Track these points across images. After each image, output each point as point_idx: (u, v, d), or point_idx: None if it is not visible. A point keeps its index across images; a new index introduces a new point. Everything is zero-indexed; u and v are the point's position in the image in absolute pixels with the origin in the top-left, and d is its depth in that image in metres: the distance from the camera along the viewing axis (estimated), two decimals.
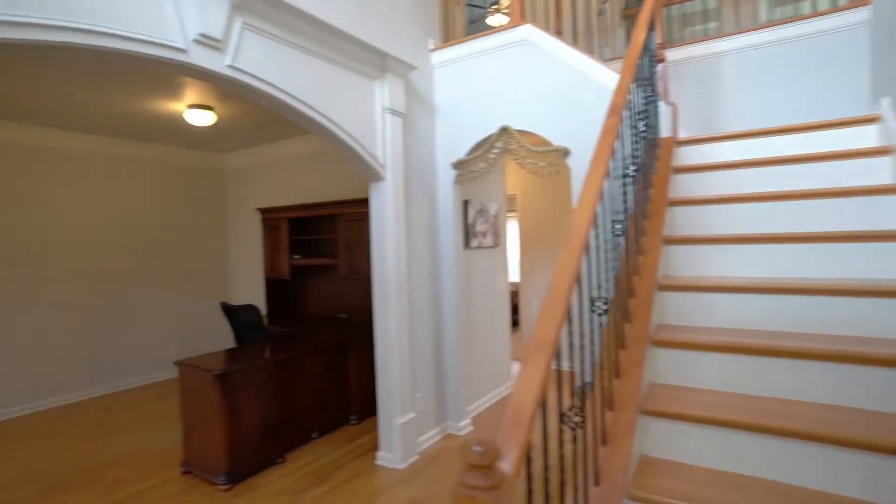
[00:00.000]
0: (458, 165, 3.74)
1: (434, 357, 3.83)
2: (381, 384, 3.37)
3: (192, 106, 4.10)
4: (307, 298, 5.39)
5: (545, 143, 3.37)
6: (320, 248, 5.23)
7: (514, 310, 6.42)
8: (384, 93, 3.24)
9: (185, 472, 3.28)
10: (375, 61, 3.16)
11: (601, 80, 3.09)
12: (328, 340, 3.95)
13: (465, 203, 4.13)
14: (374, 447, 3.61)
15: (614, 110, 1.90)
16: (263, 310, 5.86)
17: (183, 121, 4.54)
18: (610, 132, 1.80)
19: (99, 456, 3.64)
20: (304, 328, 4.51)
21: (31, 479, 3.32)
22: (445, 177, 3.82)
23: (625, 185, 1.98)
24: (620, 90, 2.00)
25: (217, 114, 4.30)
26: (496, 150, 3.55)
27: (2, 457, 3.70)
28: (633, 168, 2.09)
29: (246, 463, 3.18)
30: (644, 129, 2.32)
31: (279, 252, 5.07)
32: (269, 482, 3.16)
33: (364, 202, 4.38)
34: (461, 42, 3.69)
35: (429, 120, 3.80)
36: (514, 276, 5.92)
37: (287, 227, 4.99)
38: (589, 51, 3.95)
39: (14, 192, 4.60)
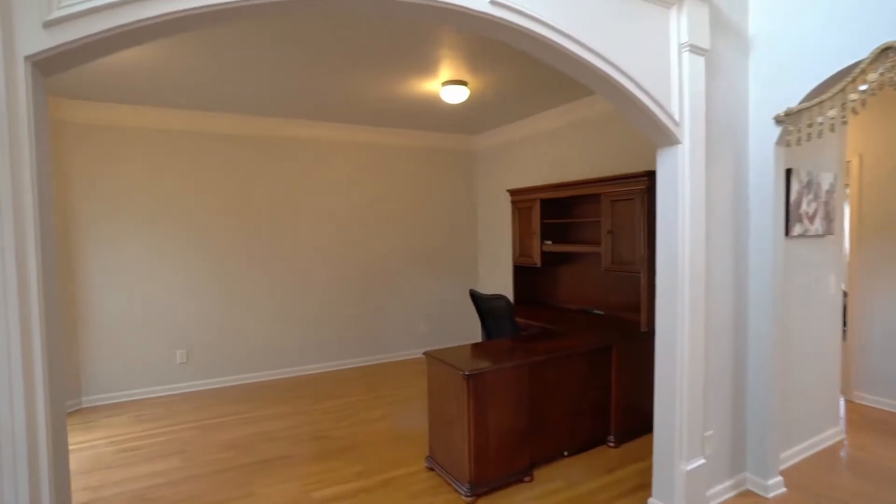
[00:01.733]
0: (787, 118, 2.60)
1: (733, 384, 2.82)
2: (659, 414, 2.57)
3: (446, 83, 3.93)
4: (557, 289, 4.86)
5: None
6: (576, 234, 4.61)
7: None
8: (682, 24, 2.37)
9: (430, 469, 3.12)
10: None
11: None
12: (587, 342, 3.32)
13: (788, 173, 2.93)
14: (641, 486, 2.86)
15: None
16: (510, 298, 5.59)
17: (437, 102, 4.46)
18: None
19: (361, 429, 3.82)
20: (556, 323, 3.98)
21: (311, 438, 3.65)
22: (761, 137, 2.72)
23: None
24: None
25: (470, 89, 4.05)
26: (863, 88, 2.30)
27: (296, 409, 4.24)
28: None
29: (491, 474, 2.82)
30: None
31: (529, 237, 4.65)
32: (516, 503, 2.74)
33: (633, 179, 3.57)
34: None
35: (739, 58, 2.74)
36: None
37: (539, 210, 4.52)
38: None
39: (295, 182, 5.29)
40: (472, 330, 6.39)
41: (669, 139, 2.40)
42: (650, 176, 3.48)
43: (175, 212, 4.71)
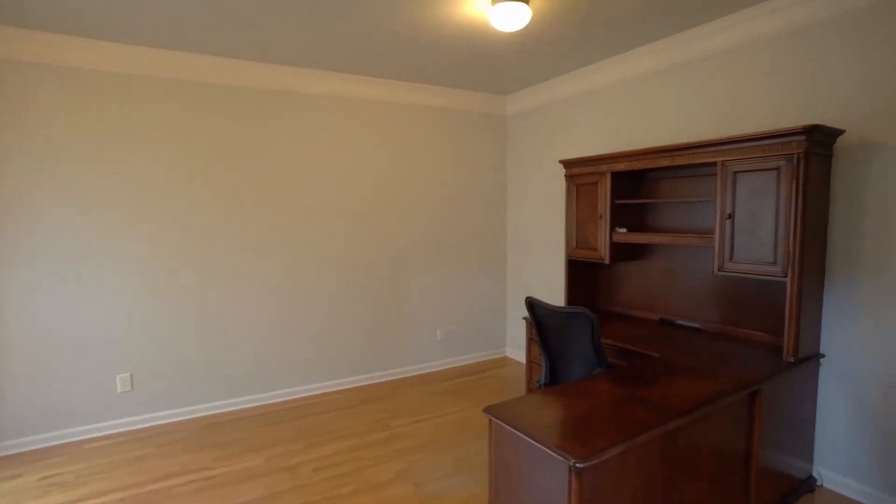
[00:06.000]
0: None
1: None
2: None
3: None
4: (626, 292, 3.71)
5: None
6: (654, 219, 3.45)
7: None
8: None
9: None
10: None
11: None
12: (727, 383, 2.16)
13: None
14: None
15: None
16: (553, 297, 4.43)
17: (478, 35, 3.21)
18: None
19: (367, 501, 2.65)
20: (648, 345, 2.83)
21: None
22: None
23: None
24: None
25: (533, 9, 2.81)
26: None
27: (277, 464, 3.04)
28: None
29: None
30: None
31: (593, 223, 3.48)
32: None
33: (781, 139, 2.39)
34: None
35: None
36: None
37: (609, 187, 3.34)
38: None
39: (284, 152, 4.01)
40: (497, 339, 5.23)
41: None
42: (812, 134, 2.32)
43: (118, 187, 3.42)
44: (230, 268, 3.81)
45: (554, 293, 4.48)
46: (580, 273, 3.80)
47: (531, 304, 2.80)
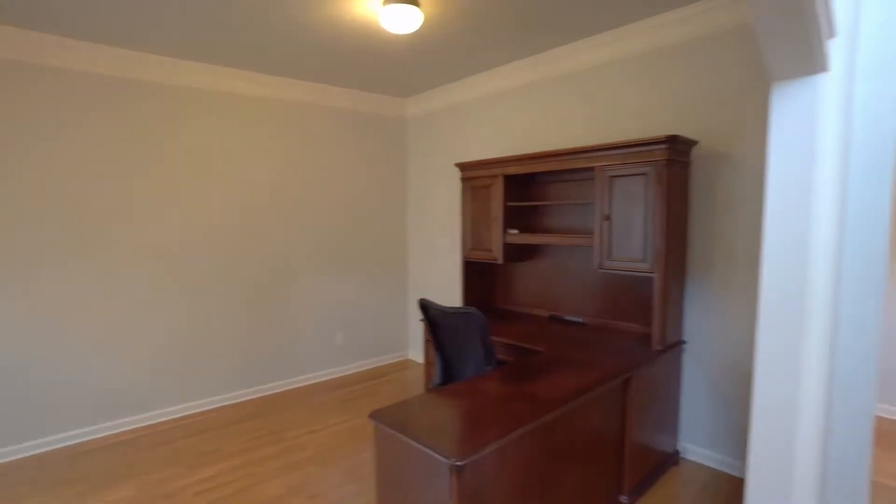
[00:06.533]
0: None
1: (821, 465, 2.00)
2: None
3: (390, 1, 2.66)
4: (519, 291, 3.86)
5: None
6: (544, 221, 3.62)
7: None
8: None
9: None
10: None
11: None
12: (602, 375, 2.32)
13: None
14: None
15: None
16: (452, 299, 4.50)
17: (371, 36, 3.17)
18: None
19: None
20: (536, 340, 2.96)
21: None
22: (881, 78, 1.88)
23: None
24: None
25: (424, 13, 2.83)
26: None
27: (153, 491, 2.76)
28: None
29: None
30: None
31: (487, 225, 3.58)
32: None
33: (648, 147, 2.63)
34: None
35: None
36: None
37: (502, 190, 3.45)
38: None
39: (156, 146, 3.68)
40: (399, 341, 5.21)
41: (812, 61, 1.43)
42: (672, 143, 2.57)
43: None
44: (86, 280, 3.40)
45: (456, 295, 4.55)
46: (477, 274, 3.90)
47: (424, 305, 2.81)
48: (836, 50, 1.45)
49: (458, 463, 1.51)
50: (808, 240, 1.50)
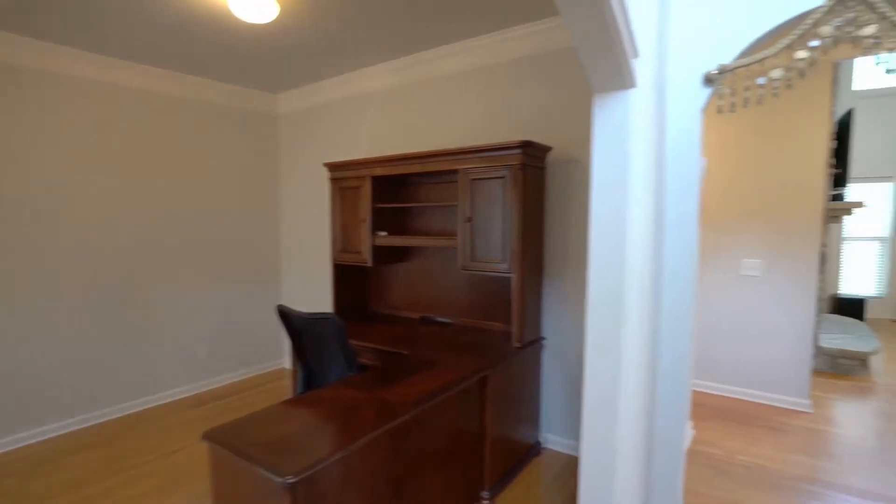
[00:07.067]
0: (719, 78, 2.04)
1: (646, 422, 2.22)
2: (587, 484, 1.78)
3: None
4: (393, 294, 3.82)
5: None
6: (419, 223, 3.63)
7: None
8: None
9: None
10: None
11: None
12: (458, 376, 2.36)
13: None
14: None
15: None
16: (321, 308, 4.35)
17: (224, 21, 2.94)
18: None
19: None
20: (401, 344, 2.94)
21: None
22: (684, 98, 2.13)
23: None
24: None
25: (281, 4, 2.67)
26: (816, 44, 1.83)
27: None
28: None
29: None
30: None
31: (356, 227, 3.49)
32: None
33: (504, 151, 2.74)
34: None
35: None
36: None
37: (370, 191, 3.39)
38: None
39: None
40: (273, 350, 4.93)
41: (622, 78, 1.57)
42: (526, 148, 2.70)
43: None
44: None
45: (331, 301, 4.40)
46: (349, 277, 3.80)
47: (283, 312, 2.66)
48: (641, 68, 1.61)
49: (291, 480, 1.42)
50: (625, 238, 1.65)
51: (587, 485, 1.84)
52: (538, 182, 2.97)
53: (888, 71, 1.73)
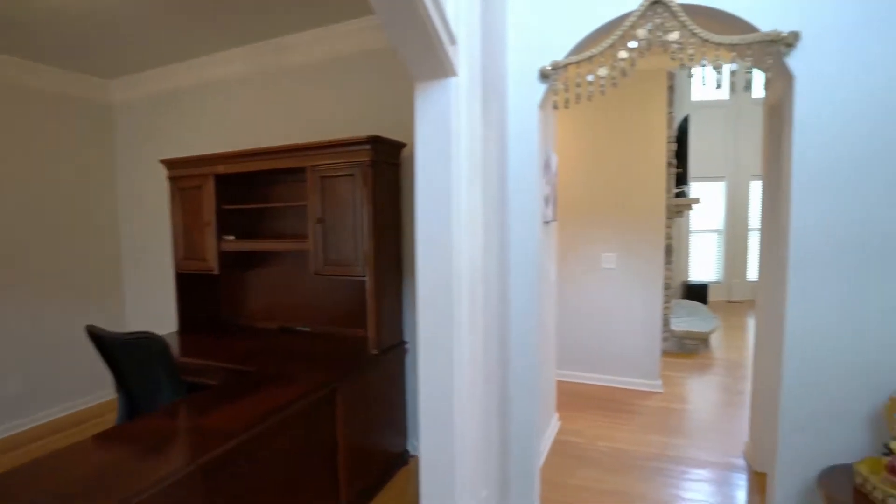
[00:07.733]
0: (553, 74, 2.06)
1: (499, 420, 2.18)
2: (427, 483, 1.68)
3: None
4: (249, 303, 3.48)
5: (738, 27, 1.82)
6: (273, 225, 3.33)
7: None
8: None
9: None
10: None
11: None
12: (298, 395, 2.14)
13: None
14: None
15: None
16: (173, 323, 3.85)
17: None
18: None
19: None
20: (249, 360, 2.64)
21: None
22: (522, 93, 2.13)
23: None
24: None
25: None
26: (634, 45, 1.91)
27: None
28: None
29: None
30: None
31: (200, 231, 3.11)
32: None
33: (352, 147, 2.58)
34: None
35: None
36: None
37: (213, 191, 3.03)
38: None
39: None
40: (103, 380, 4.28)
41: (441, 66, 1.47)
42: (376, 143, 2.56)
43: None
44: None
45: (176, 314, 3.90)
46: (197, 286, 3.39)
47: (93, 334, 2.25)
48: (463, 56, 1.54)
49: None
50: (450, 231, 1.56)
51: (428, 486, 1.74)
52: (392, 179, 2.84)
53: (718, 86, 1.84)
